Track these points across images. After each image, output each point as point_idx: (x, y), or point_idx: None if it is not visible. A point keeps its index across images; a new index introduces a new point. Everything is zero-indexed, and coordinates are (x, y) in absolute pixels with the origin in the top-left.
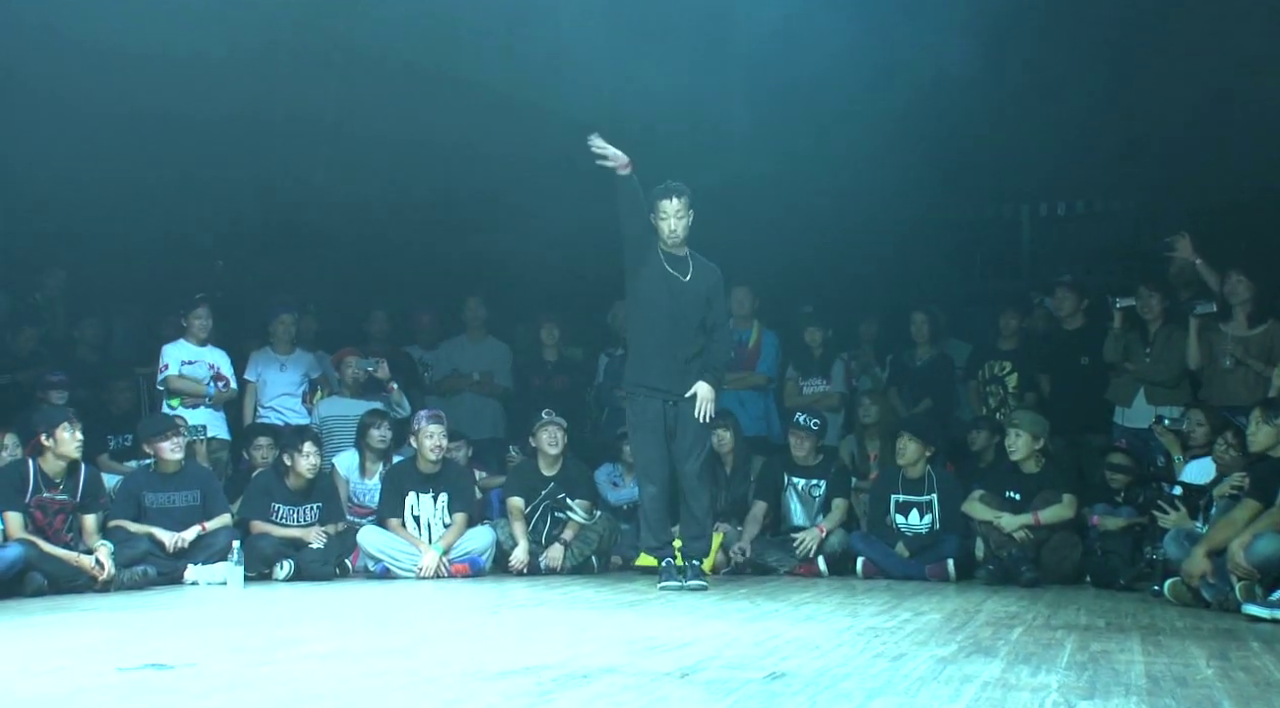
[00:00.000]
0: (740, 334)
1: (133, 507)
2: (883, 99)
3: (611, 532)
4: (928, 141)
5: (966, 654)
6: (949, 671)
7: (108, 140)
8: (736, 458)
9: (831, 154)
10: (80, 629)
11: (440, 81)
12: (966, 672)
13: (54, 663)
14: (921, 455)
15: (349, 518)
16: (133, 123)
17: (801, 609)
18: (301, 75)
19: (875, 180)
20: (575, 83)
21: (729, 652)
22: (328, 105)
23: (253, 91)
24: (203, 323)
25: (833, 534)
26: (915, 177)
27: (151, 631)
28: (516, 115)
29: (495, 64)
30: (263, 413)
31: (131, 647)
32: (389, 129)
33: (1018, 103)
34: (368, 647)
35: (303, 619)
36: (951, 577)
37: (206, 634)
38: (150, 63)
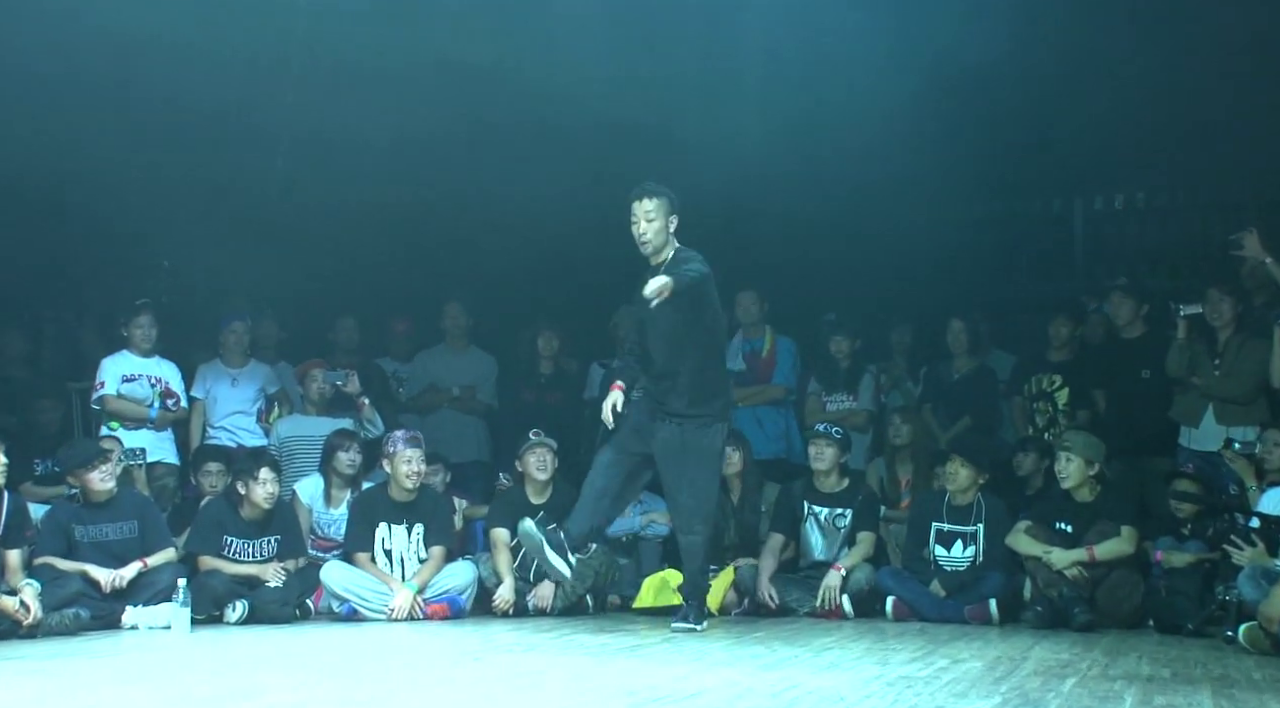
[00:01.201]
0: (751, 343)
1: (62, 541)
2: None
3: (609, 568)
4: (966, 128)
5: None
6: None
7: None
8: (746, 483)
9: (857, 142)
10: (6, 681)
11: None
12: None
13: None
14: (974, 482)
15: (311, 552)
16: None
17: (824, 656)
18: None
19: (907, 172)
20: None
21: (742, 704)
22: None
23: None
24: (145, 332)
25: (858, 570)
26: (952, 168)
27: (86, 682)
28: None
29: (484, 47)
30: (213, 434)
31: (64, 701)
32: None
33: (1068, 84)
34: (334, 699)
35: (259, 668)
36: (994, 619)
37: (149, 686)
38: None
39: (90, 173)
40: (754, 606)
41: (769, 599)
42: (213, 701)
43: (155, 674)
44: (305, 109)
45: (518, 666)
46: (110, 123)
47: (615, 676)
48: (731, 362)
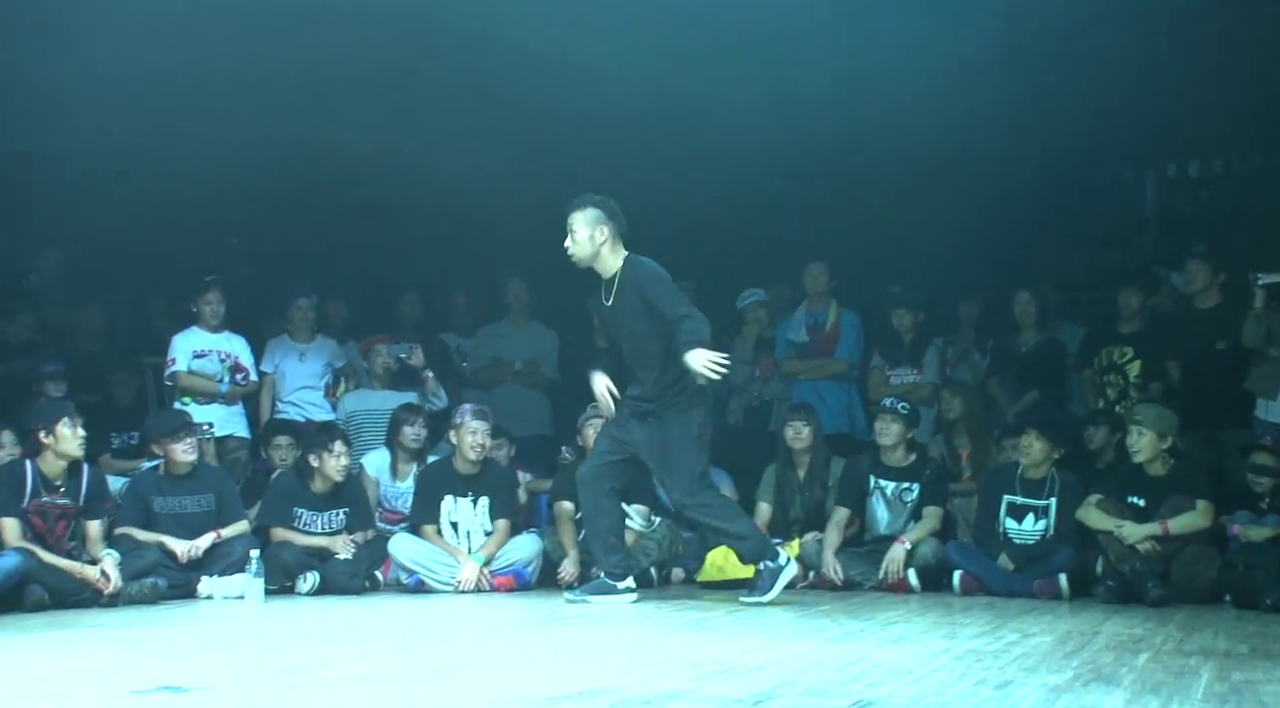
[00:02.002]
0: (816, 316)
1: (141, 512)
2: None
3: (672, 541)
4: (1032, 94)
5: (1084, 683)
6: (1064, 701)
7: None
8: (813, 458)
9: (920, 108)
10: (86, 648)
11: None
12: (1085, 703)
13: (60, 686)
14: (1048, 456)
15: (379, 525)
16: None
17: (891, 629)
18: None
19: (972, 139)
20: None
21: (809, 677)
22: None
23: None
24: (214, 309)
25: (924, 544)
26: (1019, 135)
27: (164, 650)
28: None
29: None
30: (281, 408)
31: (143, 668)
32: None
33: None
34: (401, 669)
35: (329, 638)
36: (1064, 594)
37: (224, 655)
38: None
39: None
40: (819, 580)
41: (834, 574)
42: (285, 670)
43: (230, 643)
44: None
45: (582, 637)
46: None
47: (679, 648)
48: (793, 333)
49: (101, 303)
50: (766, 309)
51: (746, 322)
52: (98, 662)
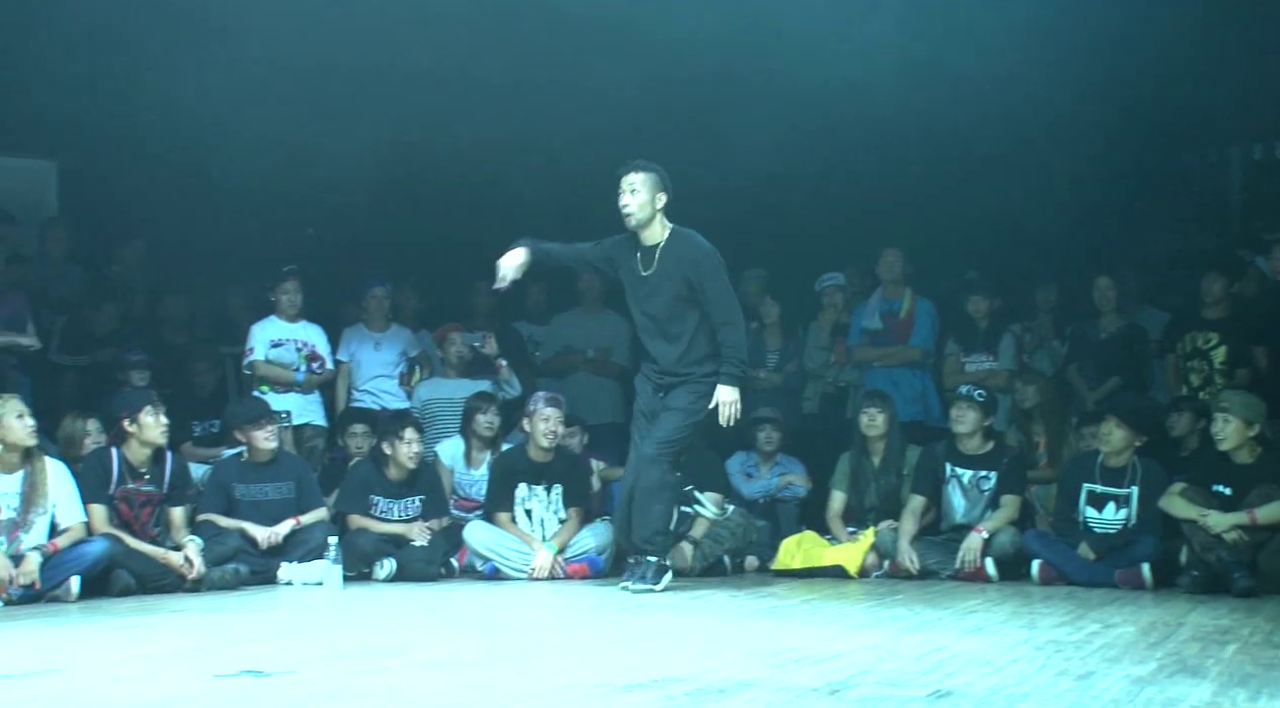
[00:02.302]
0: (890, 303)
1: (223, 499)
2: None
3: (745, 529)
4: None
5: (1168, 674)
6: (1148, 693)
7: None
8: (889, 445)
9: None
10: (170, 633)
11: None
12: (1169, 695)
13: (145, 669)
14: (1129, 444)
15: (454, 512)
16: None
17: (968, 619)
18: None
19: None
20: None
21: (885, 666)
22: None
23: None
24: (290, 298)
25: (1002, 533)
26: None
27: (245, 635)
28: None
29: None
30: (357, 397)
31: (226, 652)
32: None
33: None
34: (478, 655)
35: (406, 624)
36: (1147, 583)
37: (304, 639)
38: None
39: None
40: (894, 568)
41: (910, 563)
42: (364, 654)
43: (309, 629)
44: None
45: (656, 625)
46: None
47: (754, 636)
48: (867, 320)
49: (183, 293)
50: (843, 294)
51: (823, 307)
52: (182, 646)
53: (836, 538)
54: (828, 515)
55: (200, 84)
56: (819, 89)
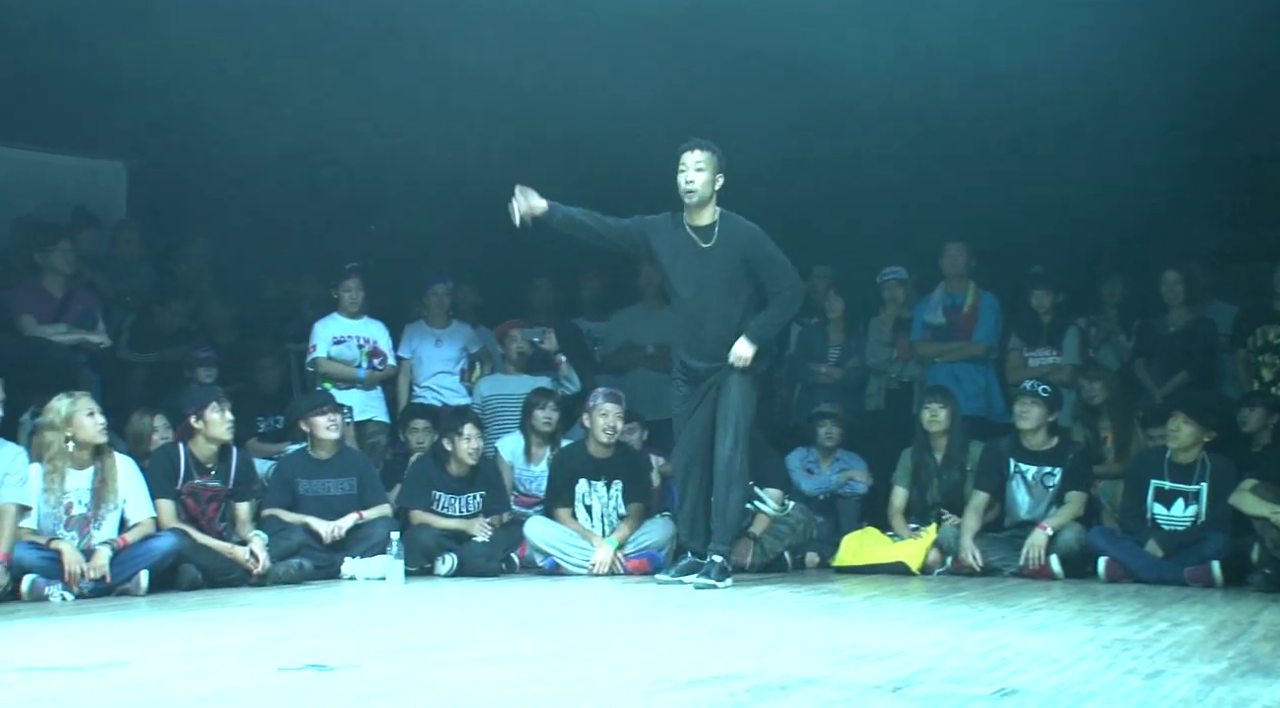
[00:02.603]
0: (954, 298)
1: (287, 494)
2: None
3: (806, 526)
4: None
5: (1240, 674)
6: (1219, 692)
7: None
8: (952, 441)
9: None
10: (237, 627)
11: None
12: (1241, 694)
13: (211, 663)
14: (1198, 440)
15: (514, 508)
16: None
17: (1033, 616)
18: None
19: (1116, 112)
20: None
21: (949, 664)
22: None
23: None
24: (352, 296)
25: (1068, 530)
26: (1166, 107)
27: (310, 629)
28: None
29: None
30: (419, 393)
31: (291, 646)
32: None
33: None
34: (539, 650)
35: (469, 619)
36: (1217, 581)
37: (367, 634)
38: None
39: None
40: (957, 565)
41: (973, 559)
42: (427, 649)
43: (372, 623)
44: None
45: (718, 621)
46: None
47: (816, 633)
48: (930, 314)
49: (248, 290)
50: (905, 288)
51: (884, 301)
52: (247, 640)
53: (898, 534)
54: (890, 511)
55: (265, 87)
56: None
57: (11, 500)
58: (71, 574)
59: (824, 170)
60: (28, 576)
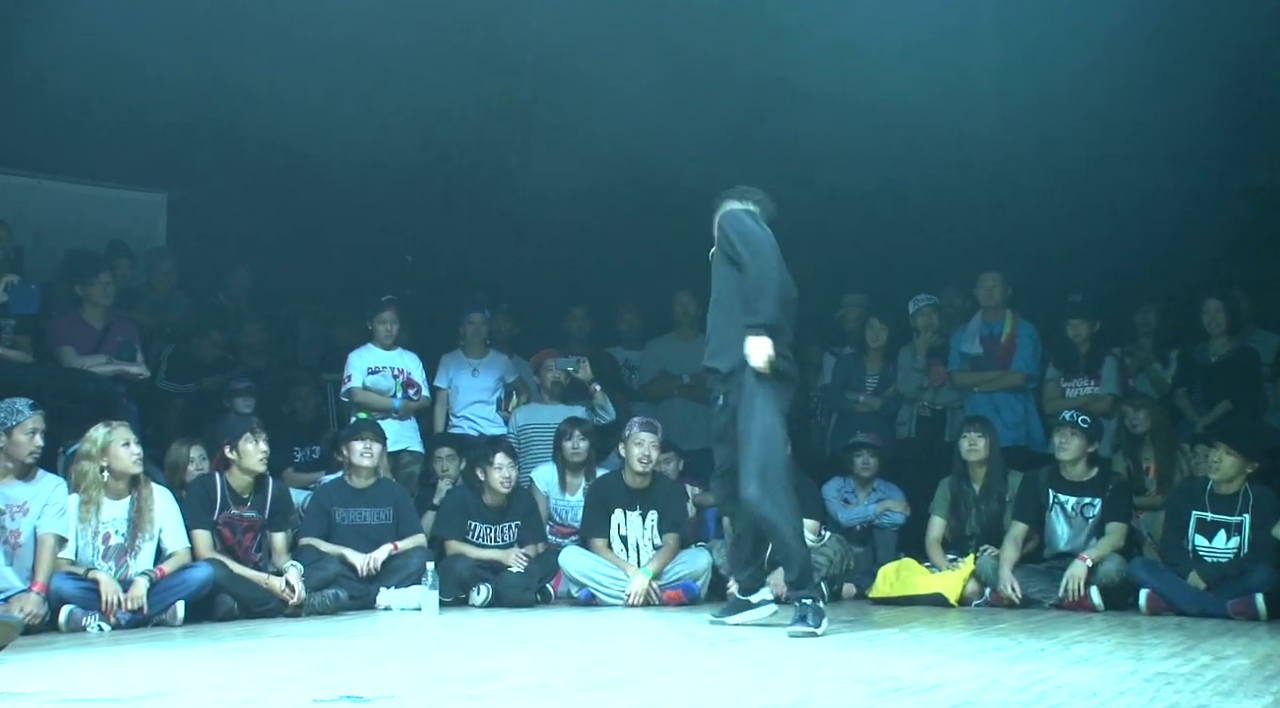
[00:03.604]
0: (992, 327)
1: (323, 523)
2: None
3: (844, 556)
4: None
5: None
6: None
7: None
8: (991, 471)
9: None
10: (272, 657)
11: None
12: None
13: (249, 693)
14: (1241, 470)
15: (550, 538)
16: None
17: (1073, 649)
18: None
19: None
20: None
21: (987, 697)
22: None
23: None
24: (387, 328)
25: (1108, 561)
26: (1205, 133)
27: (345, 660)
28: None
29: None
30: (455, 422)
31: (326, 677)
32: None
33: None
34: (575, 682)
35: (503, 649)
36: (1261, 614)
37: (402, 665)
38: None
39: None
40: (995, 597)
41: (1011, 591)
42: (462, 680)
43: (408, 654)
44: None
45: (753, 653)
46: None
47: (853, 665)
48: (967, 345)
49: (285, 321)
50: (939, 314)
51: (918, 328)
52: (283, 671)
53: (936, 565)
54: (927, 542)
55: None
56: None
57: (51, 531)
58: (109, 605)
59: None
60: (65, 606)
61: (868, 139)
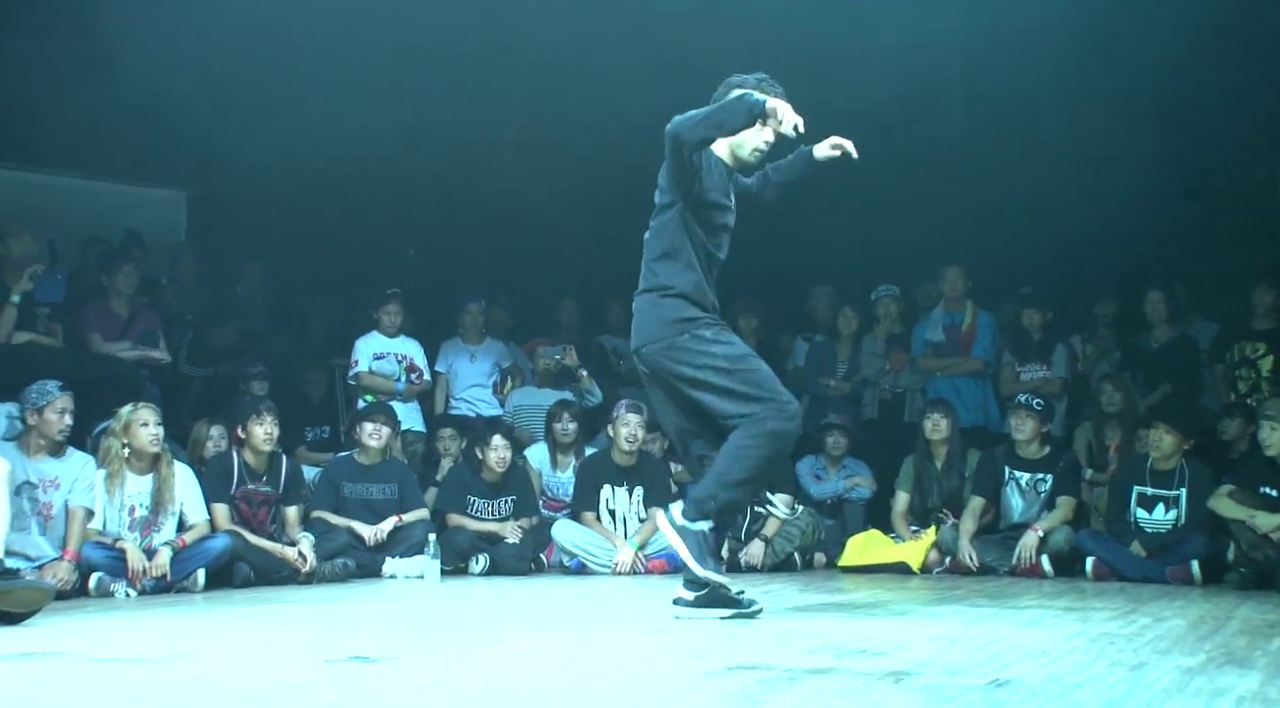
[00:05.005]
0: (954, 317)
1: (333, 496)
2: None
3: (815, 528)
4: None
5: (1217, 665)
6: (1197, 683)
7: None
8: (951, 449)
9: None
10: (286, 622)
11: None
12: (1218, 684)
13: (265, 655)
14: (1178, 448)
15: (542, 512)
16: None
17: (1025, 613)
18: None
19: (1102, 143)
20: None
21: (947, 656)
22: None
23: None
24: (392, 319)
25: (1058, 531)
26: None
27: (353, 624)
28: None
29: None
30: (454, 404)
31: (335, 640)
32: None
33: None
34: (566, 645)
35: (500, 615)
36: (1196, 580)
37: (406, 629)
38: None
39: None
40: (955, 565)
41: (969, 559)
42: (462, 643)
43: (411, 619)
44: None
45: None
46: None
47: (823, 628)
48: (931, 333)
49: (297, 311)
50: (898, 304)
51: (879, 317)
52: (296, 634)
53: (900, 536)
54: (892, 515)
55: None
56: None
57: (81, 504)
58: (135, 572)
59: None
60: (94, 573)
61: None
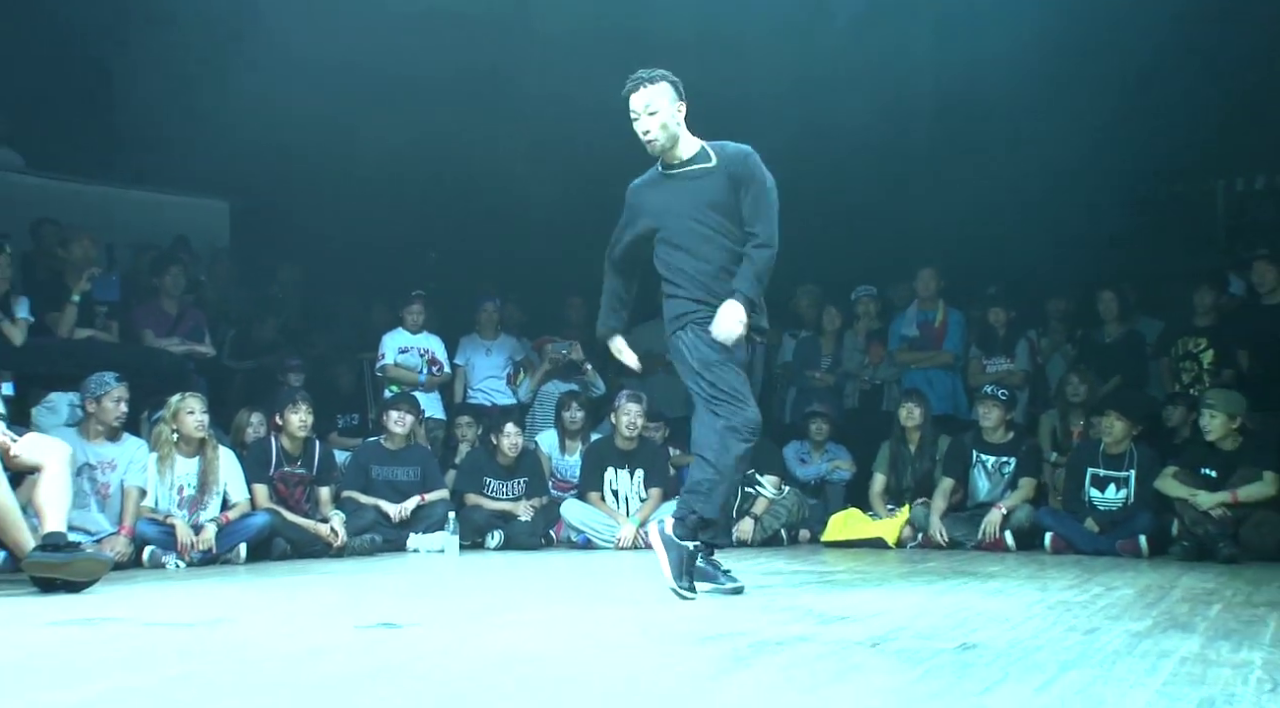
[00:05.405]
0: (927, 314)
1: (362, 478)
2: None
3: (800, 507)
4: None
5: (1162, 629)
6: (1144, 645)
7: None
8: (924, 435)
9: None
10: (320, 591)
11: None
12: (1163, 647)
13: (299, 622)
14: (1128, 433)
15: (552, 492)
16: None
17: (991, 583)
18: None
19: (1062, 157)
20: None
21: (920, 623)
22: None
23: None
24: (415, 316)
25: (1019, 509)
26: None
27: (381, 593)
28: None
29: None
30: (471, 394)
31: (365, 608)
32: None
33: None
34: (574, 613)
35: (514, 586)
36: (1144, 552)
37: (429, 598)
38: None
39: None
40: (927, 540)
41: (940, 535)
42: (480, 611)
43: (434, 589)
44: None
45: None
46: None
47: (806, 598)
48: (906, 328)
49: (328, 309)
50: (876, 303)
51: (858, 315)
52: (329, 602)
53: (877, 514)
54: (870, 495)
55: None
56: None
57: (135, 484)
58: (183, 546)
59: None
60: (147, 547)
61: (820, 152)
